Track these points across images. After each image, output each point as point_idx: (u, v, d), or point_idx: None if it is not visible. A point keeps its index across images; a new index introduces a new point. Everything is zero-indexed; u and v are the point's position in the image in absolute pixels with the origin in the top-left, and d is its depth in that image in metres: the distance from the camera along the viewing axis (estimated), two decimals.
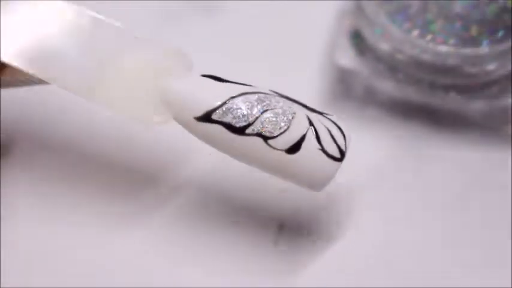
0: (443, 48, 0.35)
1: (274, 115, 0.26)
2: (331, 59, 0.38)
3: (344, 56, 0.37)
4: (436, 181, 0.35)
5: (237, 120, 0.26)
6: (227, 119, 0.26)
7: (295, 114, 0.26)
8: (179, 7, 0.41)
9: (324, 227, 0.34)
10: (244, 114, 0.26)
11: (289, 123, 0.26)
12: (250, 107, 0.26)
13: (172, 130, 0.33)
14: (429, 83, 0.36)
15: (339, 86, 0.38)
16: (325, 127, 0.26)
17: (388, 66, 0.36)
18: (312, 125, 0.26)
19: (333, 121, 0.27)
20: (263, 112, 0.26)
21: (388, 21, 0.36)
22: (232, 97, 0.26)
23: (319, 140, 0.26)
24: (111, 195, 0.34)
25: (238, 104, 0.26)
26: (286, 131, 0.26)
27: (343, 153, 0.26)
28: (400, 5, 0.36)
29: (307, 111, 0.27)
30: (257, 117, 0.26)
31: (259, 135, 0.26)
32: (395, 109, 0.37)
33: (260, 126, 0.26)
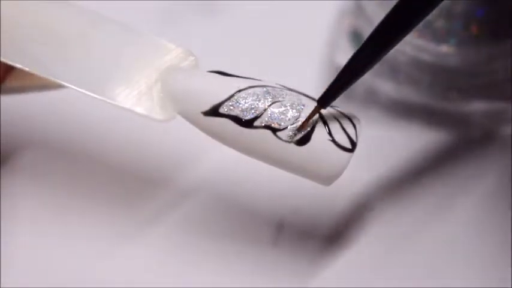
0: (444, 48, 0.35)
1: (283, 107, 0.25)
2: (331, 59, 0.38)
3: (344, 56, 0.37)
4: (436, 181, 0.35)
5: (245, 113, 0.25)
6: (235, 112, 0.25)
7: (304, 106, 0.26)
8: (179, 7, 0.41)
9: (323, 227, 0.34)
10: (252, 106, 0.25)
11: (298, 115, 0.25)
12: (257, 100, 0.25)
13: (174, 136, 0.34)
14: (429, 84, 0.36)
15: None
16: (335, 118, 0.26)
17: (389, 66, 0.36)
18: (321, 117, 0.26)
19: (342, 112, 0.26)
20: (271, 104, 0.25)
21: None
22: (240, 90, 0.26)
23: (329, 130, 0.25)
24: (115, 202, 0.34)
25: (245, 96, 0.25)
26: (295, 122, 0.25)
27: (354, 144, 0.26)
28: None
29: (316, 104, 0.26)
30: (265, 110, 0.25)
31: (267, 127, 0.25)
32: (395, 109, 0.37)
33: (268, 118, 0.25)
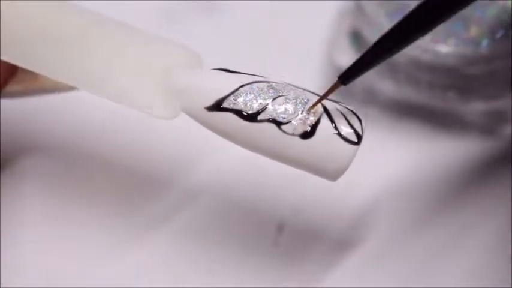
0: (443, 48, 0.35)
1: (287, 100, 0.25)
2: (331, 59, 0.38)
3: (344, 56, 0.37)
4: (435, 181, 0.35)
5: (249, 107, 0.25)
6: (238, 106, 0.25)
7: (308, 100, 0.25)
8: (180, 7, 0.41)
9: (324, 228, 0.34)
10: (256, 100, 0.25)
11: (302, 108, 0.25)
12: (261, 94, 0.25)
13: (175, 139, 0.34)
14: (429, 83, 0.36)
15: None
16: (339, 112, 0.25)
17: (388, 66, 0.36)
18: (326, 110, 0.25)
19: (347, 107, 0.26)
20: (275, 98, 0.25)
21: (388, 21, 0.36)
22: (243, 85, 0.25)
23: (334, 124, 0.25)
24: (118, 204, 0.34)
25: (249, 91, 0.25)
26: (299, 116, 0.25)
27: (360, 137, 0.25)
28: (399, 5, 0.36)
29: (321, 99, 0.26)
30: (269, 103, 0.25)
31: (272, 121, 0.25)
32: (395, 109, 0.37)
33: (273, 112, 0.25)
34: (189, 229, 0.34)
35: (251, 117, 0.25)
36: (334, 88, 0.25)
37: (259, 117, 0.25)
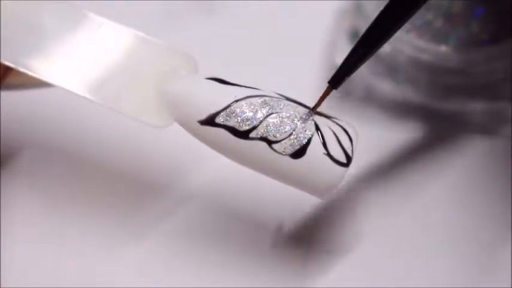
0: (443, 48, 0.35)
1: (279, 119, 0.25)
2: (330, 59, 0.38)
3: (343, 56, 0.37)
4: (435, 181, 0.35)
5: (241, 123, 0.25)
6: (231, 123, 0.25)
7: (301, 118, 0.26)
8: (179, 7, 0.41)
9: (323, 228, 0.34)
10: (249, 117, 0.25)
11: (294, 127, 0.25)
12: (254, 110, 0.25)
13: (173, 139, 0.34)
14: (428, 84, 0.36)
15: None
16: (331, 131, 0.26)
17: (388, 66, 0.36)
18: (318, 130, 0.26)
19: (340, 125, 0.26)
20: (268, 116, 0.25)
21: None
22: (237, 100, 0.26)
23: (325, 144, 0.25)
24: (115, 205, 0.34)
25: (242, 107, 0.25)
26: (291, 135, 0.25)
27: (349, 158, 0.26)
28: None
29: (314, 115, 0.26)
30: (261, 121, 0.25)
31: (263, 139, 0.25)
32: (394, 109, 0.37)
33: (264, 130, 0.25)
34: (188, 230, 0.34)
35: (243, 134, 0.25)
36: (326, 94, 0.25)
37: (251, 135, 0.25)
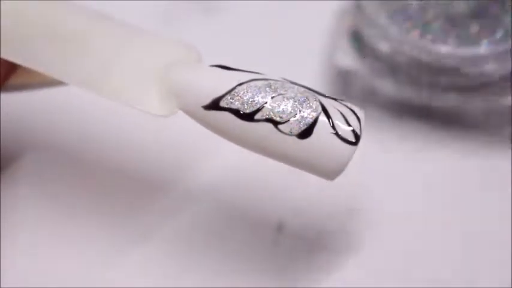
0: (443, 48, 0.35)
1: (285, 99, 0.25)
2: (330, 60, 0.38)
3: (344, 56, 0.37)
4: (436, 182, 0.35)
5: (246, 106, 0.25)
6: (235, 106, 0.25)
7: (306, 98, 0.25)
8: (179, 7, 0.41)
9: (324, 227, 0.34)
10: (253, 99, 0.25)
11: (300, 107, 0.25)
12: (259, 92, 0.25)
13: (176, 138, 0.34)
14: (429, 84, 0.36)
15: (339, 86, 0.38)
16: (338, 111, 0.25)
17: (388, 66, 0.36)
18: (324, 109, 0.25)
19: (346, 105, 0.26)
20: (273, 97, 0.25)
21: (388, 22, 0.36)
22: (241, 83, 0.25)
23: (332, 123, 0.25)
24: (118, 207, 0.34)
25: (246, 89, 0.25)
26: (297, 115, 0.25)
27: (358, 137, 0.25)
28: (399, 5, 0.36)
29: (319, 97, 0.26)
30: (266, 102, 0.25)
31: (269, 120, 0.25)
32: (395, 109, 0.37)
33: (270, 111, 0.25)
34: (188, 229, 0.34)
35: (248, 117, 0.25)
36: None
37: (256, 117, 0.25)
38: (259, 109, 0.25)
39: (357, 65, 0.36)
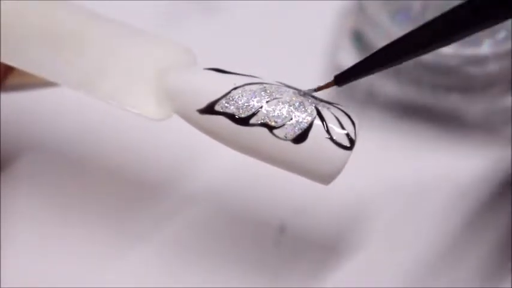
0: (445, 49, 0.35)
1: (280, 104, 0.25)
2: (332, 60, 0.38)
3: (346, 56, 0.37)
4: (436, 182, 0.35)
5: (241, 110, 0.25)
6: (230, 110, 0.25)
7: (301, 103, 0.25)
8: (179, 7, 0.41)
9: (325, 228, 0.34)
10: (248, 104, 0.25)
11: (295, 112, 0.25)
12: (254, 97, 0.25)
13: (174, 140, 0.33)
14: (430, 84, 0.36)
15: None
16: (333, 115, 0.25)
17: None
18: (319, 114, 0.25)
19: (341, 109, 0.26)
20: (268, 101, 0.25)
21: (390, 22, 0.36)
22: (236, 87, 0.25)
23: (327, 128, 0.25)
24: (116, 208, 0.34)
25: (241, 93, 0.25)
26: (292, 119, 0.25)
27: (352, 142, 0.25)
28: (401, 5, 0.36)
29: (314, 101, 0.26)
30: (261, 107, 0.25)
31: (264, 125, 0.25)
32: (396, 110, 0.37)
33: (265, 116, 0.25)
34: (189, 230, 0.34)
35: (243, 121, 0.25)
36: (328, 86, 0.25)
37: (251, 121, 0.25)
38: (254, 113, 0.25)
39: None
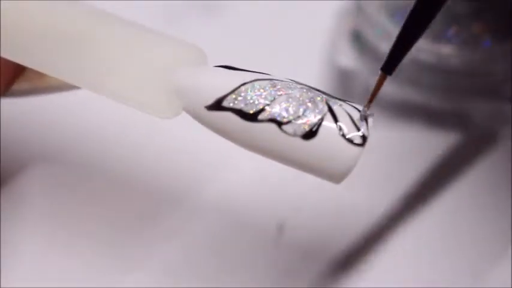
0: (444, 48, 0.35)
1: (290, 99, 0.24)
2: (331, 60, 0.38)
3: (345, 56, 0.37)
4: (436, 181, 0.35)
5: (249, 106, 0.24)
6: (239, 106, 0.24)
7: (312, 99, 0.24)
8: (179, 7, 0.41)
9: (325, 229, 0.34)
10: (257, 99, 0.24)
11: (305, 107, 0.24)
12: (262, 92, 0.24)
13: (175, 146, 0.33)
14: (430, 84, 0.36)
15: (339, 86, 0.38)
16: (344, 111, 0.24)
17: None
18: (330, 110, 0.24)
19: (353, 106, 0.25)
20: (277, 97, 0.24)
21: (389, 22, 0.36)
22: (244, 83, 0.24)
23: (338, 124, 0.24)
24: (124, 217, 0.34)
25: (250, 89, 0.24)
26: (301, 115, 0.24)
27: (364, 138, 0.24)
28: (400, 5, 0.36)
29: (325, 97, 0.25)
30: (271, 101, 0.24)
31: (272, 120, 0.24)
32: (395, 110, 0.37)
33: (274, 112, 0.24)
34: (187, 230, 0.34)
35: (251, 117, 0.24)
36: (381, 82, 0.24)
37: (260, 117, 0.24)
38: (263, 109, 0.24)
39: (358, 65, 0.36)
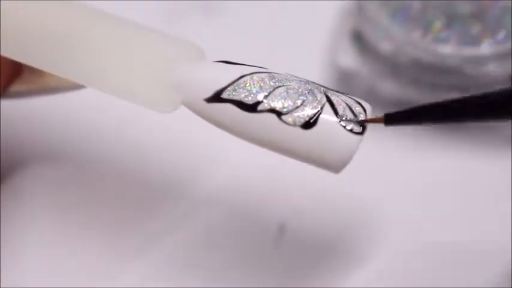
0: (444, 49, 0.35)
1: (289, 90, 0.24)
2: (332, 60, 0.38)
3: (345, 56, 0.37)
4: (436, 182, 0.35)
5: (249, 97, 0.24)
6: (238, 97, 0.24)
7: (311, 90, 0.24)
8: (179, 7, 0.41)
9: (324, 229, 0.34)
10: (256, 89, 0.24)
11: (304, 97, 0.24)
12: (262, 83, 0.25)
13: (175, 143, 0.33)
14: (430, 84, 0.36)
15: (340, 86, 0.38)
16: (343, 101, 0.24)
17: (390, 67, 0.36)
18: (329, 100, 0.24)
19: (351, 97, 0.25)
20: (276, 88, 0.24)
21: (390, 22, 0.36)
22: (243, 75, 0.25)
23: (337, 113, 0.24)
24: (125, 213, 0.34)
25: (249, 80, 0.25)
26: (301, 105, 0.24)
27: (364, 127, 0.24)
28: (401, 5, 0.36)
29: (324, 89, 0.25)
30: (270, 92, 0.24)
31: (272, 110, 0.24)
32: (395, 109, 0.37)
33: (273, 102, 0.24)
34: (187, 231, 0.34)
35: (251, 108, 0.24)
36: (375, 121, 0.25)
37: (259, 108, 0.24)
38: (262, 100, 0.24)
39: (359, 66, 0.36)
